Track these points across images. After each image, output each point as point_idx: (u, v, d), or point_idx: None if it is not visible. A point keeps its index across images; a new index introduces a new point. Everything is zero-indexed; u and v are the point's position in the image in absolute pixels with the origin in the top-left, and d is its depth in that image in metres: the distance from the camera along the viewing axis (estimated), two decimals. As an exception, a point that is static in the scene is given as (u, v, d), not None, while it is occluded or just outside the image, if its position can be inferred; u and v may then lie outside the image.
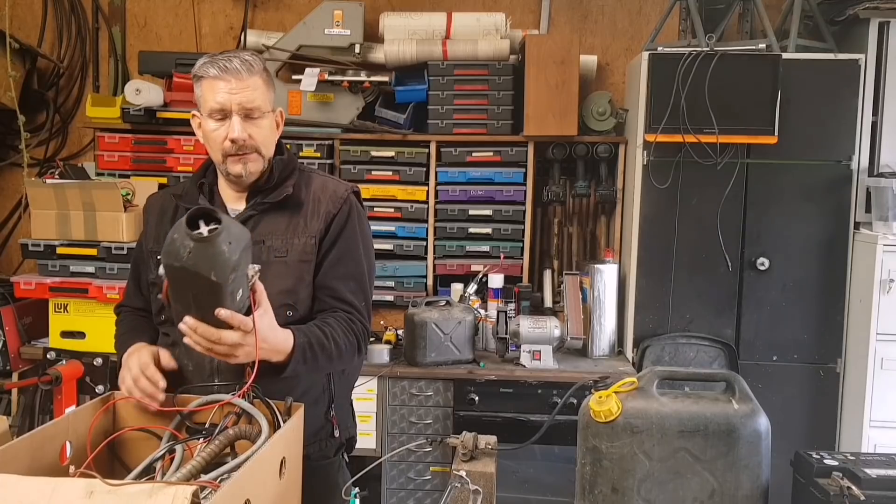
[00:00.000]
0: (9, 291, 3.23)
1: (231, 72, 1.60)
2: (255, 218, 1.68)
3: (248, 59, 1.64)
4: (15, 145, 3.69)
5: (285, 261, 1.67)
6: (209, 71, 1.63)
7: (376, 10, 3.54)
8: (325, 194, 1.73)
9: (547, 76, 3.22)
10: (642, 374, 1.66)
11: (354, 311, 1.69)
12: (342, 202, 1.73)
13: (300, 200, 1.72)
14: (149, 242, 1.76)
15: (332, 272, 1.69)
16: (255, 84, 1.63)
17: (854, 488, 1.52)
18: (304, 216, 1.70)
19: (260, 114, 1.64)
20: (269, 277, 1.62)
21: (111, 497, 1.02)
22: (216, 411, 1.45)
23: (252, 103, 1.62)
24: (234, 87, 1.60)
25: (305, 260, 1.68)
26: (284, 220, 1.69)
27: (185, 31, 3.77)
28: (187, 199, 1.72)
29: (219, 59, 1.63)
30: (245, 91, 1.61)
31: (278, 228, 1.68)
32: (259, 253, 1.65)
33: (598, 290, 3.23)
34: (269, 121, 1.68)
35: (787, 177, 3.11)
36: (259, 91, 1.63)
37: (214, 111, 1.63)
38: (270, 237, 1.68)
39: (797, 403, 3.15)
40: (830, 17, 3.25)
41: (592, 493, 1.61)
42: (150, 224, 1.78)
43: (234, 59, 1.62)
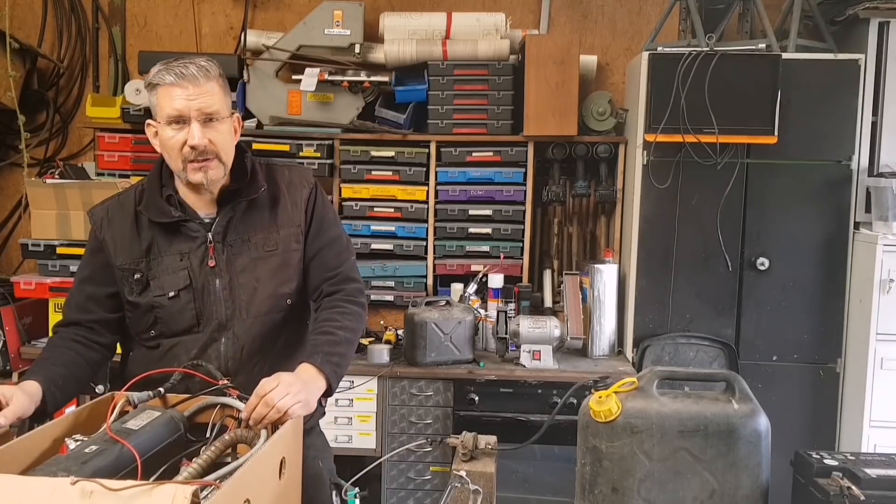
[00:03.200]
0: (9, 291, 3.23)
1: (188, 78, 1.58)
2: (235, 218, 1.71)
3: (203, 64, 1.62)
4: (15, 145, 3.69)
5: (276, 253, 1.72)
6: (165, 78, 1.60)
7: (376, 10, 3.54)
8: (294, 183, 1.78)
9: (547, 76, 3.22)
10: (642, 374, 1.66)
11: (345, 281, 1.76)
12: (313, 187, 1.79)
13: (275, 193, 1.75)
14: (117, 259, 1.69)
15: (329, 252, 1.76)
16: (213, 89, 1.61)
17: (854, 488, 1.53)
18: (283, 207, 1.75)
19: (219, 118, 1.62)
20: (265, 272, 1.69)
21: (111, 497, 1.02)
22: (216, 413, 1.46)
23: (211, 108, 1.60)
24: (192, 94, 1.58)
25: (294, 249, 1.74)
26: (264, 215, 1.73)
27: (185, 31, 3.77)
28: (154, 211, 1.69)
29: (174, 65, 1.60)
30: (203, 97, 1.59)
31: (261, 223, 1.72)
32: (248, 250, 1.70)
33: (598, 290, 3.23)
34: (228, 126, 1.67)
35: (787, 177, 3.11)
36: (217, 96, 1.62)
37: (172, 118, 1.61)
38: (255, 233, 1.71)
39: (797, 403, 3.15)
40: (830, 17, 3.25)
41: (592, 493, 1.61)
42: (107, 241, 1.70)
43: (189, 66, 1.59)
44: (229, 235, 1.70)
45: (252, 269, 1.70)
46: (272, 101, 3.44)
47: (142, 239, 1.69)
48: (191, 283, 1.67)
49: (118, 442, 1.24)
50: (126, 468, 1.21)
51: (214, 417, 1.45)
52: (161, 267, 1.68)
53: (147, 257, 1.68)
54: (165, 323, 1.68)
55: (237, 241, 1.70)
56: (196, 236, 1.69)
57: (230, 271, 1.69)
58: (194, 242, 1.68)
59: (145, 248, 1.68)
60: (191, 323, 1.68)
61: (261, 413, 1.40)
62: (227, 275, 1.68)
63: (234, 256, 1.69)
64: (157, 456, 1.29)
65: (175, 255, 1.68)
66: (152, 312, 1.69)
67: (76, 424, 1.40)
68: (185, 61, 1.61)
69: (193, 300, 1.67)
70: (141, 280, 1.67)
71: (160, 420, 1.36)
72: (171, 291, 1.67)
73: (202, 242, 1.68)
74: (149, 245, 1.69)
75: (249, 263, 1.70)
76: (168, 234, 1.69)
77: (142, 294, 1.68)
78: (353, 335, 1.70)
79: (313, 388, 1.53)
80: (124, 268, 1.69)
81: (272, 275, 1.70)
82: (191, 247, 1.68)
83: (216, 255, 1.68)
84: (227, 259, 1.69)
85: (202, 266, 1.68)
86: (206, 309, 1.68)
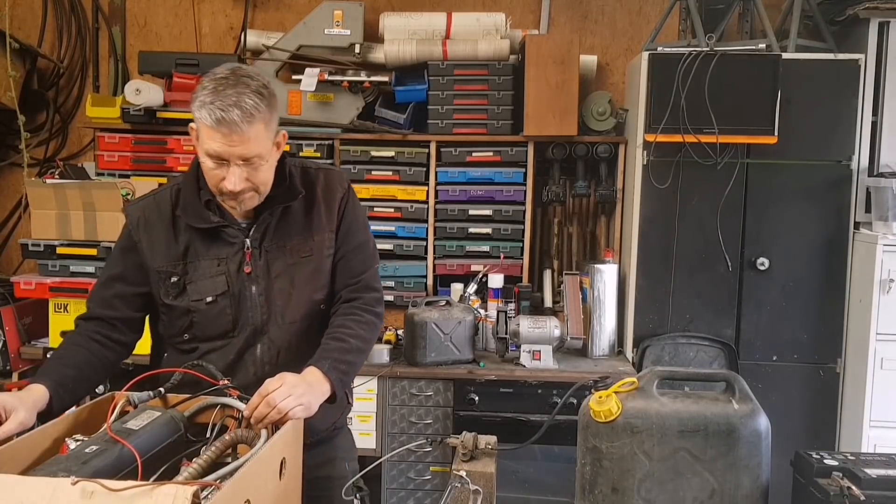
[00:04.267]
0: (9, 291, 3.23)
1: (229, 125, 1.49)
2: (273, 224, 1.70)
3: (248, 106, 1.50)
4: (15, 145, 3.69)
5: (312, 259, 1.71)
6: (206, 118, 1.50)
7: (376, 10, 3.54)
8: (330, 187, 1.76)
9: (547, 76, 3.22)
10: (642, 374, 1.65)
11: (366, 289, 1.76)
12: (346, 191, 1.77)
13: (311, 198, 1.74)
14: (153, 262, 1.67)
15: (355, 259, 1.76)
16: (256, 133, 1.52)
17: (854, 488, 1.52)
18: (318, 213, 1.73)
19: (260, 160, 1.56)
20: (300, 278, 1.69)
21: (111, 497, 1.02)
22: (216, 413, 1.46)
23: (251, 153, 1.54)
24: (234, 140, 1.51)
25: (327, 255, 1.74)
26: (300, 220, 1.72)
27: (185, 31, 3.77)
28: (193, 216, 1.66)
29: (218, 103, 1.49)
30: (244, 144, 1.52)
31: (297, 229, 1.71)
32: (284, 256, 1.69)
33: (598, 290, 3.23)
34: (271, 159, 1.61)
35: (787, 177, 3.11)
36: (260, 140, 1.54)
37: (211, 156, 1.55)
38: (291, 239, 1.71)
39: (797, 403, 3.15)
40: (830, 17, 3.25)
41: (592, 493, 1.61)
42: (142, 241, 1.68)
43: (233, 110, 1.48)
44: (266, 241, 1.69)
45: (287, 274, 1.69)
46: (272, 101, 3.43)
47: (179, 242, 1.67)
48: (228, 288, 1.66)
49: (118, 442, 1.24)
50: (126, 468, 1.21)
51: (214, 417, 1.45)
52: (198, 272, 1.66)
53: (184, 261, 1.67)
54: (201, 327, 1.68)
55: (273, 247, 1.69)
56: (234, 242, 1.67)
57: (266, 277, 1.68)
58: (232, 248, 1.67)
59: (182, 251, 1.67)
60: (227, 328, 1.68)
61: (262, 413, 1.40)
62: (264, 281, 1.68)
63: (270, 262, 1.69)
64: (158, 456, 1.29)
65: (213, 259, 1.67)
66: (188, 316, 1.67)
67: (76, 424, 1.40)
68: (231, 99, 1.49)
69: (230, 306, 1.67)
70: (178, 284, 1.66)
71: (160, 420, 1.36)
72: (208, 297, 1.66)
73: (240, 248, 1.67)
74: (186, 248, 1.67)
75: (285, 269, 1.69)
76: (206, 238, 1.67)
77: (178, 298, 1.67)
78: (365, 344, 1.70)
79: (317, 391, 1.53)
80: (161, 270, 1.67)
81: (307, 281, 1.70)
82: (228, 252, 1.67)
83: (253, 261, 1.67)
84: (263, 265, 1.68)
85: (239, 272, 1.67)
86: (243, 315, 1.67)
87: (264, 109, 1.53)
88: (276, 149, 1.63)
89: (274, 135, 1.60)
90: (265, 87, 1.55)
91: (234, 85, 1.51)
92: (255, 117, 1.51)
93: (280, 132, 1.63)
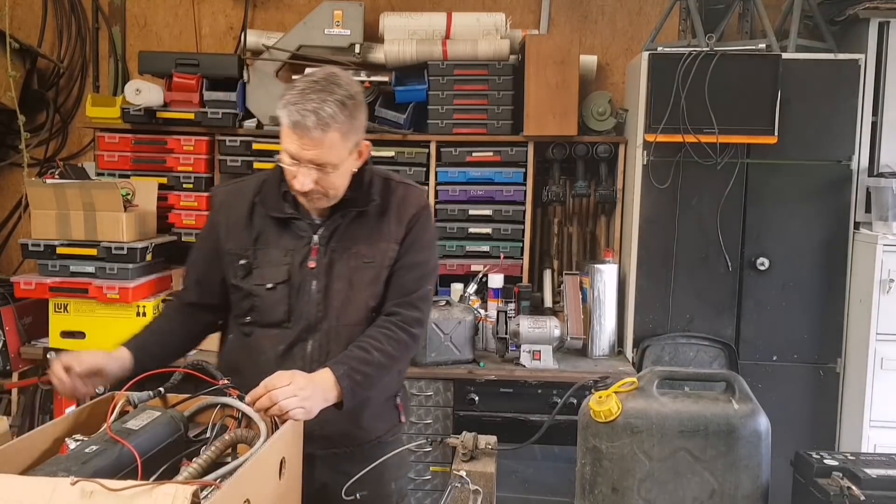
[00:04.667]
0: (9, 291, 3.22)
1: (303, 129, 1.55)
2: (343, 225, 1.74)
3: (325, 114, 1.55)
4: (15, 145, 3.69)
5: (372, 265, 1.74)
6: (285, 118, 1.58)
7: (376, 10, 3.54)
8: (405, 202, 1.78)
9: (547, 76, 3.22)
10: (642, 374, 1.66)
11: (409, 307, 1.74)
12: (420, 209, 1.80)
13: (385, 207, 1.77)
14: (226, 243, 1.76)
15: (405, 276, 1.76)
16: (330, 141, 1.57)
17: (854, 488, 1.53)
18: (388, 223, 1.76)
19: (332, 168, 1.61)
20: (360, 282, 1.72)
21: (111, 497, 1.02)
22: (216, 413, 1.46)
23: (322, 160, 1.59)
24: (306, 144, 1.57)
25: (388, 265, 1.75)
26: (369, 227, 1.75)
27: (185, 31, 3.77)
28: (270, 205, 1.74)
29: (298, 105, 1.55)
30: (316, 149, 1.57)
31: (365, 235, 1.74)
32: (348, 258, 1.72)
33: (598, 290, 3.23)
34: (345, 167, 1.65)
35: (787, 177, 3.11)
36: (334, 148, 1.59)
37: (288, 154, 1.61)
38: (358, 244, 1.74)
39: (797, 403, 3.15)
40: (830, 17, 3.25)
41: (592, 493, 1.61)
42: (220, 223, 1.78)
43: (310, 116, 1.54)
44: (333, 241, 1.73)
45: (348, 277, 1.72)
46: (272, 101, 3.43)
47: (253, 228, 1.74)
48: (289, 278, 1.71)
49: (118, 442, 1.24)
50: (126, 468, 1.21)
51: (214, 417, 1.45)
52: (266, 258, 1.73)
53: (254, 246, 1.74)
54: (259, 312, 1.73)
55: (339, 248, 1.73)
56: (303, 236, 1.73)
57: (328, 276, 1.72)
58: (300, 241, 1.73)
59: (254, 237, 1.74)
60: (282, 318, 1.72)
61: (263, 404, 1.42)
62: (325, 279, 1.72)
63: (334, 262, 1.72)
64: (157, 456, 1.29)
65: (280, 249, 1.73)
66: (250, 300, 1.73)
67: (76, 424, 1.40)
68: (313, 102, 1.55)
69: (288, 296, 1.71)
70: (246, 266, 1.73)
71: (160, 420, 1.36)
72: (269, 283, 1.71)
73: (307, 243, 1.73)
74: (258, 235, 1.74)
75: (347, 272, 1.72)
76: (278, 228, 1.74)
77: (244, 279, 1.73)
78: (390, 362, 1.69)
79: (321, 396, 1.53)
80: (232, 252, 1.75)
81: (366, 286, 1.73)
82: (296, 245, 1.73)
83: (318, 257, 1.72)
84: (327, 263, 1.72)
85: (302, 265, 1.72)
86: (298, 307, 1.71)
87: (343, 120, 1.57)
88: (357, 157, 1.69)
89: (353, 145, 1.65)
90: (351, 98, 1.60)
91: (320, 91, 1.57)
92: (330, 126, 1.56)
93: (362, 143, 1.68)
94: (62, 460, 1.21)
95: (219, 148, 3.41)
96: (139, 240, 3.16)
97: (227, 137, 3.40)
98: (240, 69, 3.41)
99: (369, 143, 1.72)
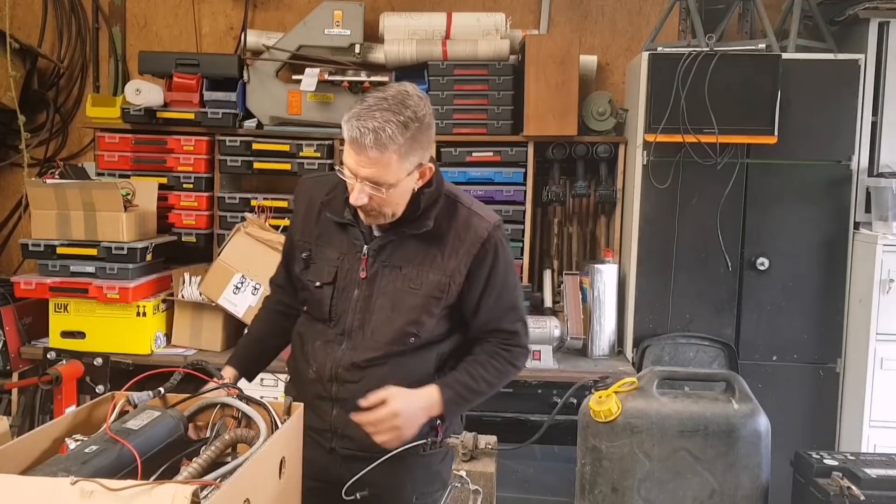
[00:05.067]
0: (9, 291, 3.22)
1: (360, 146, 1.53)
2: (395, 243, 1.72)
3: (384, 135, 1.52)
4: (15, 145, 3.69)
5: (417, 293, 1.71)
6: (346, 133, 1.56)
7: (376, 10, 3.54)
8: (466, 233, 1.72)
9: (547, 76, 3.22)
10: (642, 374, 1.66)
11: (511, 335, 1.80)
12: (483, 242, 1.72)
13: (441, 234, 1.72)
14: (296, 233, 1.81)
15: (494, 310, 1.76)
16: (386, 161, 1.54)
17: (854, 488, 1.53)
18: (441, 251, 1.72)
19: (387, 187, 1.58)
20: (401, 305, 1.71)
21: (111, 497, 1.02)
22: (216, 413, 1.46)
23: (376, 179, 1.56)
24: (362, 161, 1.55)
25: (436, 297, 1.71)
26: (422, 251, 1.72)
27: (185, 31, 3.77)
28: (333, 210, 1.75)
29: (359, 123, 1.53)
30: (372, 168, 1.55)
31: (415, 258, 1.72)
32: (395, 278, 1.71)
33: (598, 290, 3.23)
34: (402, 186, 1.61)
35: (787, 177, 3.11)
36: (389, 168, 1.56)
37: (347, 167, 1.60)
38: (407, 265, 1.72)
39: (797, 403, 3.15)
40: (830, 17, 3.25)
41: (592, 492, 1.61)
42: (298, 214, 1.82)
43: (368, 135, 1.51)
44: (382, 256, 1.72)
45: (391, 296, 1.71)
46: (272, 101, 3.44)
47: (318, 224, 1.79)
48: (335, 281, 1.74)
49: (118, 442, 1.24)
50: (126, 468, 1.21)
51: (214, 417, 1.45)
52: (323, 257, 1.76)
53: (316, 242, 1.78)
54: (310, 305, 1.79)
55: (389, 266, 1.72)
56: (356, 243, 1.74)
57: (372, 289, 1.72)
58: (353, 248, 1.74)
59: (317, 233, 1.78)
60: (325, 316, 1.75)
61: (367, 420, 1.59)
62: (368, 291, 1.72)
63: (380, 277, 1.72)
64: (157, 456, 1.29)
65: (335, 250, 1.76)
66: (304, 293, 1.80)
67: (76, 424, 1.40)
68: (376, 121, 1.52)
69: (331, 297, 1.74)
70: (306, 259, 1.78)
71: (160, 420, 1.36)
72: (318, 281, 1.75)
73: (358, 251, 1.73)
74: (321, 232, 1.78)
75: (391, 290, 1.71)
76: (338, 231, 1.76)
77: (302, 272, 1.79)
78: (489, 391, 1.81)
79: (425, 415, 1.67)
80: (299, 243, 1.80)
81: (406, 311, 1.70)
82: (349, 250, 1.75)
83: (367, 267, 1.72)
84: (374, 276, 1.72)
85: (350, 271, 1.73)
86: (338, 311, 1.74)
87: (402, 142, 1.54)
88: (418, 178, 1.65)
89: (413, 166, 1.61)
90: (416, 120, 1.56)
91: (385, 109, 1.54)
92: (387, 147, 1.53)
93: (426, 165, 1.64)
94: (62, 460, 1.20)
95: (219, 148, 3.41)
96: (139, 240, 3.16)
97: (227, 137, 3.40)
98: (240, 69, 3.41)
99: (433, 166, 1.67)
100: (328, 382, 1.72)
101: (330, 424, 1.74)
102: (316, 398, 1.74)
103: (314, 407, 1.71)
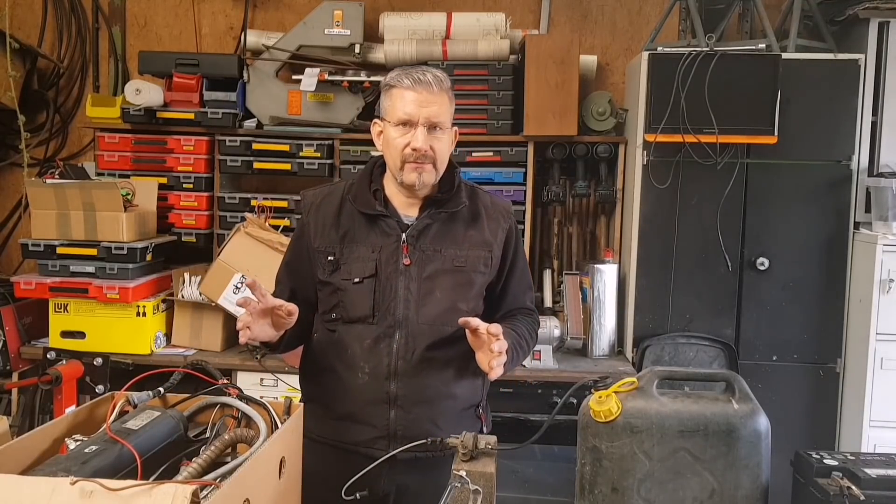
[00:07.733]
0: (9, 291, 3.23)
1: (423, 84, 1.69)
2: (433, 226, 1.77)
3: (438, 75, 1.72)
4: (15, 145, 3.69)
5: (464, 270, 1.78)
6: (403, 81, 1.70)
7: (376, 10, 3.54)
8: (495, 210, 1.86)
9: (547, 76, 3.22)
10: (642, 374, 1.66)
11: (532, 312, 1.95)
12: (512, 217, 1.88)
13: (476, 212, 1.82)
14: (315, 241, 1.81)
15: (517, 287, 1.90)
16: (443, 100, 1.71)
17: (854, 488, 1.53)
18: (480, 228, 1.81)
19: (442, 129, 1.72)
20: (448, 284, 1.76)
21: (111, 497, 1.02)
22: (216, 413, 1.46)
23: (437, 118, 1.70)
24: (424, 101, 1.68)
25: (481, 272, 1.80)
26: (460, 230, 1.79)
27: (185, 32, 3.77)
28: (362, 203, 1.79)
29: (412, 71, 1.71)
30: (433, 105, 1.69)
31: (455, 238, 1.79)
32: (438, 259, 1.76)
33: (598, 289, 3.23)
34: (449, 136, 1.76)
35: (787, 177, 3.11)
36: (444, 107, 1.72)
37: (401, 120, 1.70)
38: (448, 246, 1.78)
39: (797, 403, 3.15)
40: (830, 17, 3.25)
41: (592, 493, 1.61)
42: (310, 224, 1.83)
43: (427, 73, 1.70)
44: (422, 240, 1.76)
45: (437, 278, 1.75)
46: (272, 101, 3.44)
47: (340, 226, 1.80)
48: (376, 273, 1.75)
49: (118, 442, 1.24)
50: (126, 468, 1.21)
51: (214, 417, 1.45)
52: (353, 255, 1.77)
53: (342, 244, 1.79)
54: (345, 307, 1.77)
55: (429, 249, 1.77)
56: (391, 233, 1.77)
57: (418, 275, 1.75)
58: (388, 238, 1.76)
59: (341, 235, 1.79)
60: (367, 312, 1.75)
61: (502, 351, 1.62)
62: (416, 276, 1.75)
63: (424, 262, 1.75)
64: (157, 456, 1.29)
65: (367, 245, 1.77)
66: (337, 295, 1.78)
67: (76, 424, 1.40)
68: (423, 69, 1.73)
69: (374, 290, 1.74)
70: (333, 262, 1.78)
71: (160, 420, 1.36)
72: (356, 277, 1.76)
73: (395, 240, 1.76)
74: (345, 233, 1.79)
75: (435, 272, 1.76)
76: (366, 225, 1.79)
77: (332, 275, 1.78)
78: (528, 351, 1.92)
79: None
80: (320, 250, 1.80)
81: (453, 289, 1.76)
82: (384, 242, 1.77)
83: (409, 254, 1.75)
84: (417, 261, 1.75)
85: (390, 262, 1.75)
86: (384, 303, 1.74)
87: (448, 85, 1.75)
88: (453, 137, 1.80)
89: (453, 118, 1.77)
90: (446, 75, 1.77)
91: (422, 69, 1.74)
92: (443, 84, 1.72)
93: (455, 128, 1.80)
94: (62, 460, 1.21)
95: (219, 148, 3.41)
96: (139, 240, 3.16)
97: (227, 137, 3.40)
98: (240, 69, 3.41)
99: (458, 129, 1.82)
100: (386, 381, 1.72)
101: (388, 429, 1.73)
102: (368, 405, 1.73)
103: (366, 415, 1.73)
